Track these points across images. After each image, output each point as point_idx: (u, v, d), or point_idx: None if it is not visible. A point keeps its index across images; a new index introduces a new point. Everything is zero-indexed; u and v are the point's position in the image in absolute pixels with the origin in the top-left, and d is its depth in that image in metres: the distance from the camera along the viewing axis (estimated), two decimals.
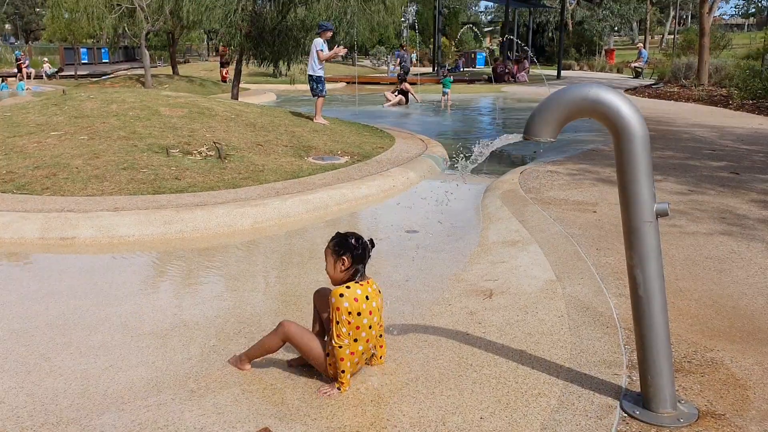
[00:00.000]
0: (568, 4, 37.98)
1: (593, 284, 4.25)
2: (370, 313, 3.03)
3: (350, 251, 3.04)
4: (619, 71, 38.42)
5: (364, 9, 14.69)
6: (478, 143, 2.88)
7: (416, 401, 2.93)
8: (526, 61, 29.16)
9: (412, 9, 37.36)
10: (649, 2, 52.12)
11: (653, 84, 24.06)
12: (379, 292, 3.14)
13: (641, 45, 33.07)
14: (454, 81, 21.55)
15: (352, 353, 3.00)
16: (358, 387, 3.07)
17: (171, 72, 26.43)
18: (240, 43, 14.12)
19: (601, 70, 38.92)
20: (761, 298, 4.05)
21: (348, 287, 3.01)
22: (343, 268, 3.05)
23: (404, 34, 43.93)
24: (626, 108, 2.53)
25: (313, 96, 11.49)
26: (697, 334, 3.55)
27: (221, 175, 7.25)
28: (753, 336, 3.53)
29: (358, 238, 3.09)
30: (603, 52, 45.91)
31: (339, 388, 3.00)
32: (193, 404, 2.97)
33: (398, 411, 2.85)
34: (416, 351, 3.44)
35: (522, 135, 2.71)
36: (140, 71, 26.11)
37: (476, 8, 72.27)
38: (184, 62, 40.05)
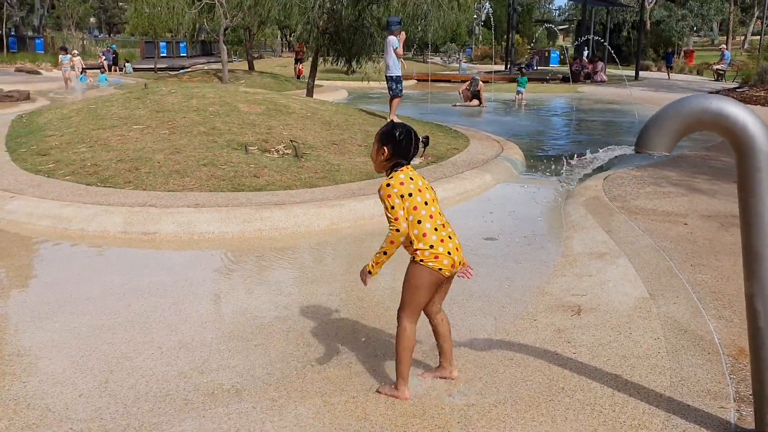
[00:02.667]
0: (647, 3, 36.74)
1: (690, 304, 4.00)
2: (420, 191, 2.91)
3: (392, 143, 2.94)
4: (699, 73, 36.98)
5: (440, 5, 14.52)
6: (581, 156, 2.69)
7: (506, 426, 2.78)
8: (600, 62, 28.32)
9: (486, 5, 36.80)
10: (732, 2, 50.01)
11: (737, 88, 22.97)
12: (423, 178, 3.03)
13: (724, 46, 31.70)
14: (529, 80, 21.12)
15: (424, 235, 2.86)
16: (443, 406, 2.95)
17: (247, 67, 26.84)
18: (317, 40, 14.16)
19: (680, 72, 37.53)
20: None
21: (391, 177, 2.93)
22: (382, 158, 2.97)
23: (476, 32, 43.41)
24: (752, 122, 2.32)
25: (390, 94, 11.42)
26: None
27: (298, 174, 7.23)
28: None
29: (407, 132, 2.96)
30: (682, 53, 44.27)
31: (369, 272, 2.98)
32: (275, 414, 2.91)
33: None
34: (503, 370, 3.29)
35: (633, 147, 2.51)
36: (216, 66, 26.66)
37: (550, 5, 70.98)
38: (258, 58, 40.67)
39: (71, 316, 3.99)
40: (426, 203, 2.91)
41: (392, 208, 2.87)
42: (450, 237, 2.93)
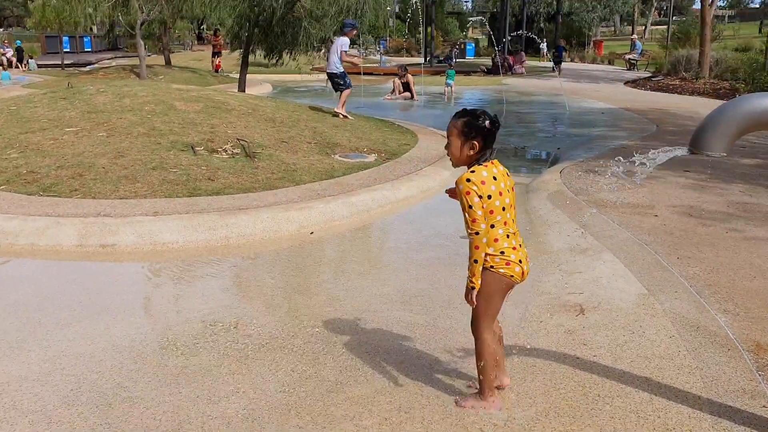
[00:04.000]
0: None
1: (691, 299, 4.01)
2: (501, 194, 2.74)
3: (482, 134, 2.74)
4: (610, 63, 38.32)
5: None
6: (637, 156, 2.60)
7: None
8: (522, 53, 28.88)
9: None
10: None
11: (652, 77, 23.92)
12: (508, 174, 2.85)
13: (635, 36, 32.93)
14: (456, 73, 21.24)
15: (495, 240, 2.72)
16: (483, 427, 2.80)
17: (164, 62, 25.83)
18: (248, 33, 13.70)
19: (592, 62, 38.79)
20: None
21: (473, 171, 2.73)
22: (472, 152, 2.76)
23: (390, 24, 43.47)
24: None
25: (336, 91, 11.21)
26: None
27: (254, 175, 6.92)
28: None
29: (490, 118, 2.78)
30: (591, 44, 45.76)
31: (473, 287, 2.76)
32: None
33: None
34: (530, 378, 3.19)
35: (688, 149, 2.43)
36: (127, 61, 25.56)
37: None
38: (170, 52, 39.26)
39: (43, 347, 3.61)
40: (504, 209, 2.75)
41: (470, 207, 2.69)
42: (520, 245, 2.78)
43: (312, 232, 5.49)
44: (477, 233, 2.68)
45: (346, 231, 5.88)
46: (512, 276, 2.77)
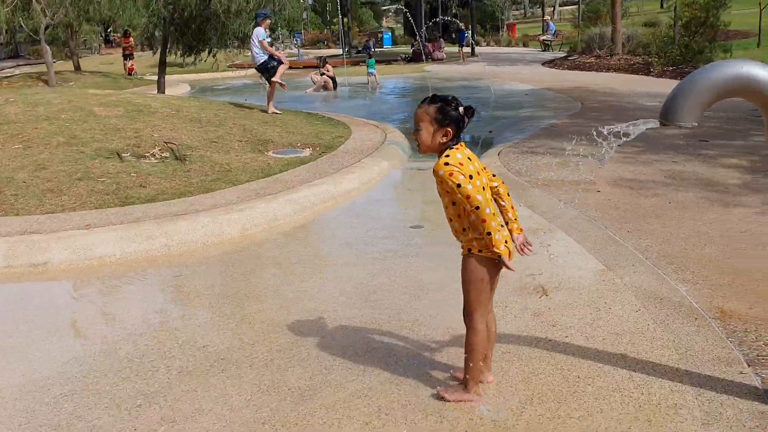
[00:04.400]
0: None
1: (649, 271, 4.04)
2: (479, 173, 2.68)
3: (456, 122, 2.68)
4: (524, 45, 39.06)
5: None
6: (610, 129, 2.54)
7: (546, 429, 2.60)
8: (441, 40, 29.09)
9: None
10: None
11: (567, 56, 24.48)
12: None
13: (548, 18, 33.72)
14: (376, 62, 21.14)
15: (483, 221, 2.60)
16: (472, 416, 2.71)
17: (72, 68, 24.69)
18: (164, 32, 13.19)
19: (507, 45, 39.46)
20: None
21: (447, 155, 2.65)
22: (445, 140, 2.70)
23: (305, 16, 43.03)
24: None
25: (268, 81, 10.95)
26: None
27: (188, 178, 6.63)
28: None
29: (465, 105, 2.73)
30: (505, 27, 46.56)
31: (500, 256, 2.61)
32: None
33: None
34: (506, 365, 3.12)
35: (659, 120, 2.39)
36: (29, 68, 24.32)
37: None
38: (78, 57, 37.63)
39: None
40: (483, 188, 2.65)
41: (459, 186, 2.58)
42: (502, 225, 2.68)
43: None
44: (478, 207, 2.58)
45: (292, 229, 5.69)
46: (500, 256, 2.67)
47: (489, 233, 2.61)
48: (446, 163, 2.64)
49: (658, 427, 2.55)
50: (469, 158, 2.71)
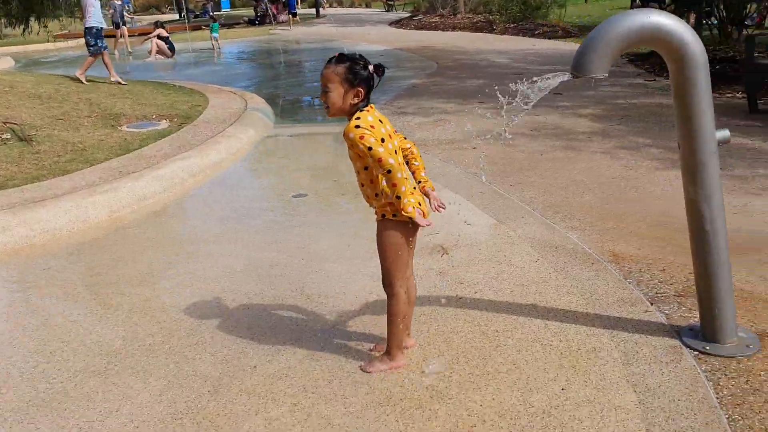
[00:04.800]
0: None
1: (539, 222, 4.17)
2: (390, 136, 2.59)
3: (366, 82, 2.57)
4: (367, 6, 39.19)
5: None
6: (525, 83, 2.51)
7: (479, 386, 2.60)
8: (282, 4, 28.41)
9: None
10: None
11: (412, 16, 24.83)
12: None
13: None
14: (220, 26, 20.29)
15: (394, 185, 2.51)
16: (402, 387, 2.66)
17: None
18: None
19: (351, 6, 39.42)
20: (745, 219, 4.24)
21: (358, 118, 2.54)
22: (356, 100, 2.58)
23: None
24: (689, 35, 2.35)
25: (90, 54, 10.03)
26: (671, 254, 3.61)
27: (39, 161, 6.01)
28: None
29: (373, 63, 2.63)
30: None
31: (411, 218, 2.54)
32: None
33: (471, 402, 2.51)
34: (425, 328, 3.09)
35: (570, 72, 2.40)
36: None
37: None
38: None
39: None
40: (395, 152, 2.53)
41: (370, 149, 2.45)
42: (415, 188, 2.59)
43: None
44: (390, 171, 2.46)
45: (163, 208, 5.33)
46: (411, 218, 2.60)
47: (398, 197, 2.54)
48: (357, 126, 2.52)
49: (583, 371, 2.63)
50: (380, 120, 2.61)
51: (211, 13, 36.16)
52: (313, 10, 30.86)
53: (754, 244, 3.67)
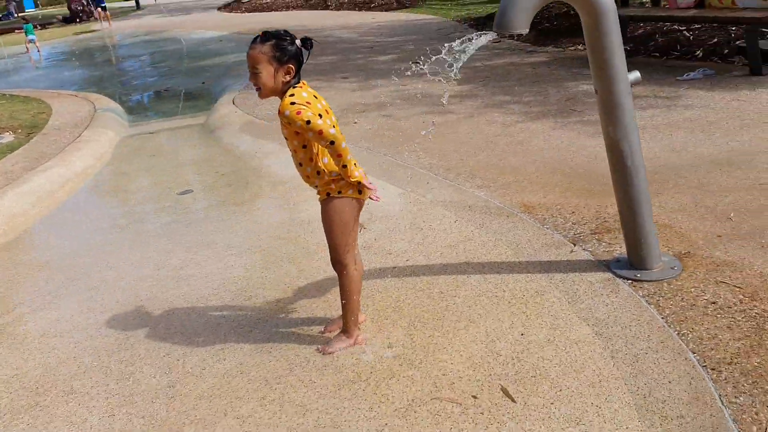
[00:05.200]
0: None
1: (445, 185, 4.29)
2: (327, 112, 2.58)
3: (295, 57, 2.53)
4: None
5: None
6: (448, 48, 2.56)
7: (443, 346, 2.66)
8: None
9: None
10: None
11: (243, 0, 24.22)
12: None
13: None
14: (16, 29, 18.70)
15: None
16: (369, 363, 2.66)
17: None
18: None
19: None
20: (579, 158, 4.55)
21: (292, 95, 2.49)
22: (288, 77, 2.53)
23: None
24: None
25: None
26: (575, 197, 3.86)
27: None
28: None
29: (295, 37, 2.58)
30: None
31: (359, 184, 2.56)
32: None
33: (441, 362, 2.56)
34: (371, 302, 3.10)
35: (495, 31, 2.49)
36: None
37: None
38: None
39: None
40: (334, 127, 2.48)
41: (308, 123, 2.40)
42: (355, 163, 2.56)
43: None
44: (333, 142, 2.44)
45: (38, 224, 4.90)
46: (359, 183, 2.60)
47: (344, 165, 2.53)
48: (292, 103, 2.47)
49: (534, 315, 2.76)
50: (315, 96, 2.57)
51: (16, 14, 33.26)
52: (132, 3, 29.26)
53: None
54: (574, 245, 3.25)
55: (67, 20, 25.03)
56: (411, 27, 12.26)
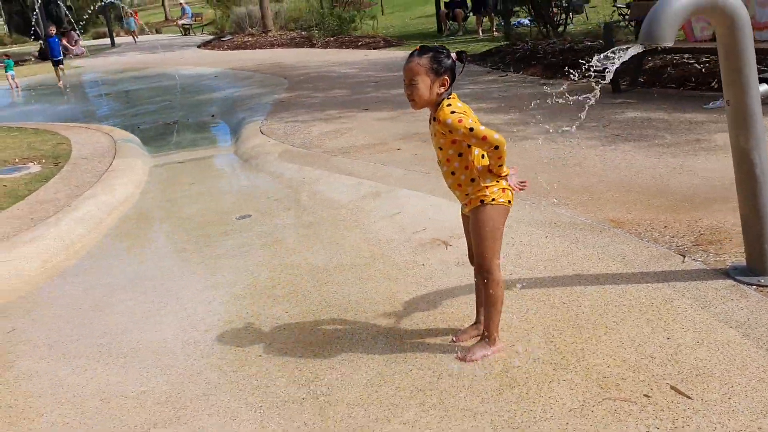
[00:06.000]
0: None
1: (518, 203, 4.36)
2: (477, 122, 2.63)
3: (451, 70, 2.63)
4: (157, 32, 37.60)
5: None
6: (600, 57, 2.66)
7: (591, 352, 2.71)
8: (73, 32, 26.50)
9: None
10: None
11: (220, 37, 24.31)
12: None
13: (183, 2, 32.77)
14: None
15: (490, 170, 2.65)
16: (523, 369, 2.69)
17: None
18: None
19: (141, 33, 37.54)
20: (645, 177, 4.69)
21: (449, 104, 2.61)
22: (443, 89, 2.63)
23: None
24: (737, 2, 2.65)
25: None
26: (661, 213, 3.97)
27: None
28: (691, 201, 4.11)
29: (451, 51, 2.69)
30: (127, 15, 44.13)
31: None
32: None
33: (597, 366, 2.61)
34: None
35: (642, 42, 2.61)
36: None
37: None
38: None
39: None
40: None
41: (471, 130, 2.52)
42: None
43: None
44: (497, 147, 2.54)
45: (97, 251, 4.81)
46: (510, 202, 2.69)
47: (501, 165, 2.63)
48: (452, 112, 2.58)
49: (672, 320, 2.82)
50: (464, 107, 2.66)
51: None
52: (107, 40, 29.14)
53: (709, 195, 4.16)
54: (684, 256, 3.34)
55: (43, 57, 24.74)
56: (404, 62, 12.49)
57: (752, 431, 2.15)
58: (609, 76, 2.61)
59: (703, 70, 7.68)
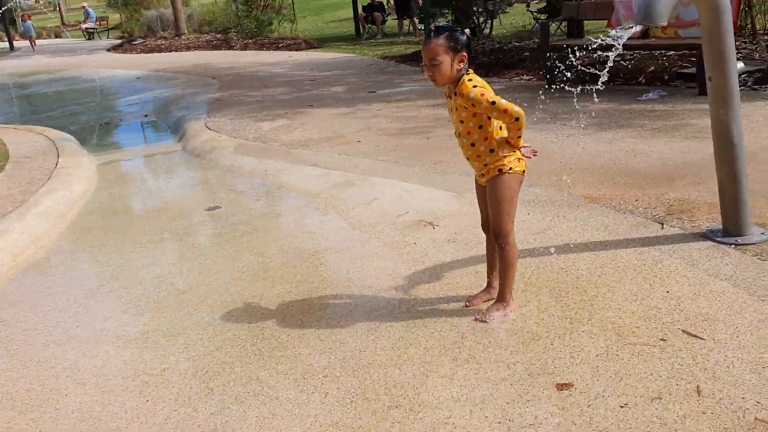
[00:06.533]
0: None
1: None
2: (495, 95, 2.83)
3: (468, 46, 2.79)
4: (57, 36, 36.01)
5: None
6: (602, 39, 2.89)
7: (601, 307, 2.93)
8: None
9: None
10: None
11: (131, 41, 23.61)
12: None
13: (86, 5, 31.54)
14: None
15: (508, 141, 2.84)
16: (543, 324, 2.89)
17: None
18: None
19: (38, 37, 35.81)
20: (603, 160, 5.01)
21: (470, 79, 2.78)
22: (462, 65, 2.78)
23: None
24: None
25: None
26: (628, 190, 4.29)
27: None
28: (652, 178, 4.45)
29: (464, 28, 2.85)
30: (20, 18, 42.01)
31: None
32: None
33: (611, 317, 2.84)
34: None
35: (641, 22, 2.86)
36: None
37: None
38: None
39: None
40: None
41: (494, 103, 2.68)
42: None
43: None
44: (518, 118, 2.71)
45: (70, 243, 4.68)
46: (524, 172, 2.88)
47: (520, 137, 2.81)
48: (474, 86, 2.74)
49: (666, 277, 3.10)
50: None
51: None
52: (3, 44, 27.71)
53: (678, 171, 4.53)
54: (662, 224, 3.65)
55: None
56: (338, 63, 12.62)
57: (765, 361, 2.41)
58: (611, 59, 2.83)
59: (629, 66, 8.22)
